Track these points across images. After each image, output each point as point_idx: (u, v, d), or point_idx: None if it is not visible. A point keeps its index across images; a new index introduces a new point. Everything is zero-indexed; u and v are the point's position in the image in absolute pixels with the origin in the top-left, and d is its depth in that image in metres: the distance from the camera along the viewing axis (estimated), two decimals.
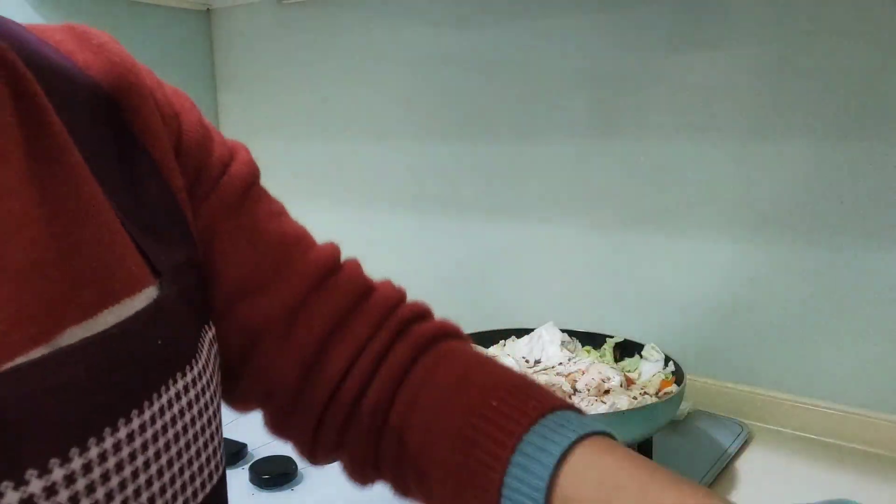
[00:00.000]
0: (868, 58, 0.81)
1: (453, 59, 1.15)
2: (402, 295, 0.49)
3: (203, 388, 0.37)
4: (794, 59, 0.85)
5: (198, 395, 0.37)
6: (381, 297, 0.48)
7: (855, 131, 0.83)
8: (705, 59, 0.92)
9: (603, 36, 0.99)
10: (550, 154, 1.07)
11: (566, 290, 1.09)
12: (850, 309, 0.86)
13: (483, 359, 0.46)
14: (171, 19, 1.45)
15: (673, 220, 0.97)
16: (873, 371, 0.86)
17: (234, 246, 0.44)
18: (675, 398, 0.74)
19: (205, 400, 0.37)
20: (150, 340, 0.34)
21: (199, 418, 0.37)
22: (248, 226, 0.45)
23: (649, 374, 0.83)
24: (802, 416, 0.89)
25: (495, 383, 0.42)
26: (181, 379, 0.36)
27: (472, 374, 0.44)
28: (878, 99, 0.81)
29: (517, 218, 1.13)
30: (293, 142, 1.41)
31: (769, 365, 0.92)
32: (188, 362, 0.37)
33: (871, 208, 0.83)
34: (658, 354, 0.85)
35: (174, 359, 0.36)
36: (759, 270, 0.91)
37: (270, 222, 0.47)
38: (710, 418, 0.92)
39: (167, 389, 0.34)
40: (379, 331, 0.46)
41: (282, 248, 0.46)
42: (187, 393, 0.36)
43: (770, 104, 0.88)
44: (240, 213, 0.45)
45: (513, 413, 0.39)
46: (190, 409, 0.36)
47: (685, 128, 0.94)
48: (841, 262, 0.86)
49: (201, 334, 0.39)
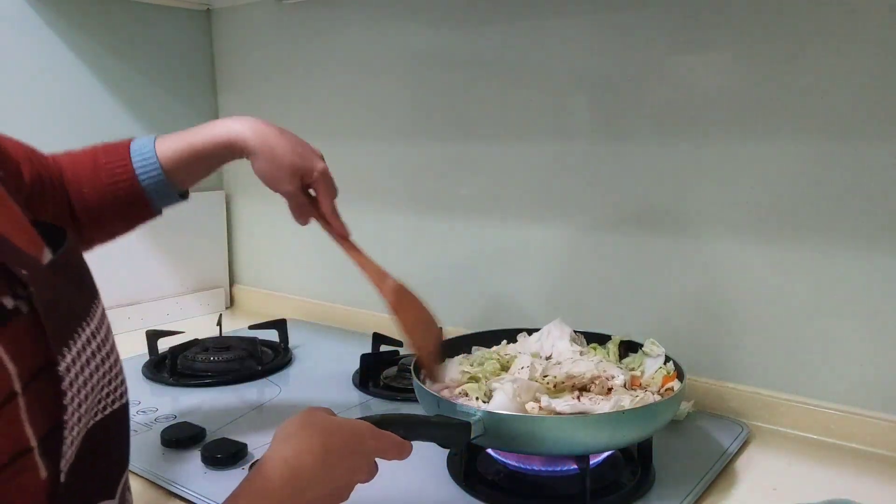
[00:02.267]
0: (868, 57, 0.81)
1: (453, 59, 1.15)
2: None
3: (106, 332, 0.48)
4: (794, 59, 0.85)
5: (104, 339, 0.47)
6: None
7: (855, 131, 0.83)
8: (705, 59, 0.92)
9: (603, 36, 0.99)
10: (550, 154, 1.07)
11: (566, 290, 1.09)
12: (850, 309, 0.86)
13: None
14: (171, 19, 1.45)
15: (673, 219, 0.97)
16: (873, 371, 0.86)
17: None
18: (675, 398, 0.74)
19: (109, 345, 0.48)
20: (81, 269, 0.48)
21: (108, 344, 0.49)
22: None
23: (652, 369, 0.83)
24: (802, 416, 0.89)
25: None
26: (98, 305, 0.47)
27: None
28: (879, 99, 0.81)
29: (515, 218, 1.13)
30: None
31: (769, 365, 0.92)
32: (97, 291, 0.48)
33: (871, 208, 0.83)
34: (658, 349, 0.85)
35: (92, 283, 0.48)
36: (758, 270, 0.91)
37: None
38: (710, 418, 0.92)
39: (95, 310, 0.46)
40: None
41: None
42: (103, 320, 0.48)
43: (769, 104, 0.88)
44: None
45: (117, 147, 0.78)
46: (106, 339, 0.48)
47: (684, 128, 0.94)
48: (841, 261, 0.86)
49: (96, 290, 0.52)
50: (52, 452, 0.40)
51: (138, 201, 0.77)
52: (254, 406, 0.98)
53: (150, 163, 0.76)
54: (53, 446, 0.40)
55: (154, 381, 1.08)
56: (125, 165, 0.76)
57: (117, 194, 0.76)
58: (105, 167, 0.76)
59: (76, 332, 0.43)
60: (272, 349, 1.21)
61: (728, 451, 0.83)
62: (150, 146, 0.77)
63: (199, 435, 0.86)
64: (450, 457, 0.80)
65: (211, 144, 0.78)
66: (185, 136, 0.78)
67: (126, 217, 0.79)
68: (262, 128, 0.79)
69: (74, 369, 0.41)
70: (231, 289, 1.59)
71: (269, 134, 0.78)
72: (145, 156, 0.76)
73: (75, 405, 0.41)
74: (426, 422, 0.69)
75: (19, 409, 0.38)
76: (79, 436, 0.42)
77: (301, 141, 0.81)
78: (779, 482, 0.77)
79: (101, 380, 0.45)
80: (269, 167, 0.78)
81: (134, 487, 0.77)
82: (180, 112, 1.48)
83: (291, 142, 0.80)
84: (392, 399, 1.00)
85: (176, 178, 0.78)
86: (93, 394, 0.44)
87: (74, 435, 0.41)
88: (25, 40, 1.23)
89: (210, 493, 0.74)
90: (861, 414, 0.86)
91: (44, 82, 1.27)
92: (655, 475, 0.76)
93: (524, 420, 0.70)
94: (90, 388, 0.43)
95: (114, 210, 0.76)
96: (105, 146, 0.78)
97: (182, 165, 0.78)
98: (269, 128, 0.79)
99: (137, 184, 0.76)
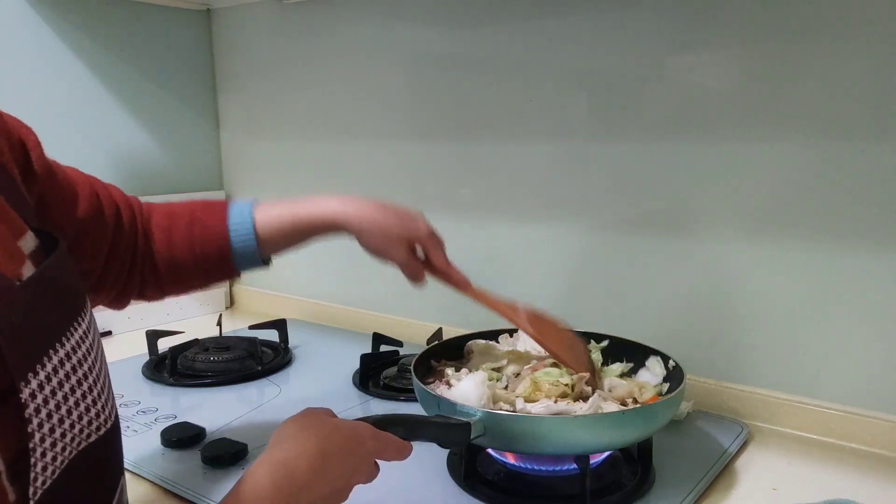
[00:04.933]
0: (868, 57, 0.81)
1: (453, 59, 1.15)
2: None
3: (85, 352, 0.46)
4: (794, 59, 0.85)
5: (81, 359, 0.45)
6: (125, 203, 0.75)
7: (855, 131, 0.83)
8: (703, 60, 0.92)
9: (602, 36, 0.99)
10: (549, 154, 1.07)
11: (566, 290, 1.09)
12: (850, 309, 0.86)
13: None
14: (171, 19, 1.45)
15: (672, 219, 0.97)
16: (873, 371, 0.86)
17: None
18: (675, 398, 0.74)
19: (88, 365, 0.46)
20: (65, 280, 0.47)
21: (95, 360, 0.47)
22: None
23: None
24: (802, 416, 0.89)
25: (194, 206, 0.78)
26: (80, 325, 0.46)
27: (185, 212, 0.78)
28: (879, 98, 0.81)
29: (515, 218, 1.13)
30: (293, 141, 1.41)
31: (769, 365, 0.92)
32: (82, 310, 0.47)
33: (871, 208, 0.83)
34: (661, 370, 0.84)
35: (78, 302, 0.47)
36: (759, 270, 0.91)
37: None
38: (710, 418, 0.92)
39: (74, 331, 0.45)
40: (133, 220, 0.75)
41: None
42: (84, 341, 0.46)
43: (770, 104, 0.87)
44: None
45: (215, 205, 0.78)
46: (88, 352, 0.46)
47: (684, 128, 0.94)
48: (841, 262, 0.86)
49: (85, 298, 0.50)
50: (20, 478, 0.39)
51: (223, 263, 0.77)
52: (254, 406, 0.98)
53: (245, 229, 0.76)
54: (23, 471, 0.39)
55: (154, 381, 1.08)
56: (221, 226, 0.76)
57: (205, 252, 0.76)
58: (200, 222, 0.76)
59: (45, 356, 0.41)
60: (272, 349, 1.21)
61: (728, 451, 0.83)
62: (248, 212, 0.77)
63: (199, 435, 0.86)
64: (450, 457, 0.80)
65: (312, 222, 0.78)
66: (287, 208, 0.78)
67: (206, 274, 0.79)
68: (364, 205, 0.79)
69: (42, 395, 0.40)
70: (231, 289, 1.59)
71: (372, 210, 0.79)
72: (243, 221, 0.77)
73: (45, 431, 0.40)
74: (426, 422, 0.69)
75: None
76: (60, 463, 0.41)
77: (401, 208, 0.81)
78: (779, 482, 0.77)
79: (76, 405, 0.43)
80: (378, 242, 0.79)
81: (134, 487, 0.77)
82: (180, 112, 1.48)
83: (394, 212, 0.80)
84: (392, 399, 1.00)
85: (266, 247, 0.78)
86: (68, 418, 0.42)
87: (48, 461, 0.40)
88: (25, 40, 1.24)
89: (210, 493, 0.74)
90: (861, 414, 0.86)
91: (44, 82, 1.27)
92: (655, 475, 0.76)
93: (524, 420, 0.70)
94: (64, 413, 0.42)
95: (196, 265, 0.76)
96: (204, 203, 0.79)
97: (277, 237, 0.78)
98: (370, 204, 0.79)
99: (227, 246, 0.76)
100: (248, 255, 0.77)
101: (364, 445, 0.59)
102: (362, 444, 0.59)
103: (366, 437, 0.59)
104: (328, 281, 1.41)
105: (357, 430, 0.59)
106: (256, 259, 0.78)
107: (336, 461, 0.56)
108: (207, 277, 0.80)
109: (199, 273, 0.78)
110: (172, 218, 0.76)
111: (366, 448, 0.59)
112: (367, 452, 0.59)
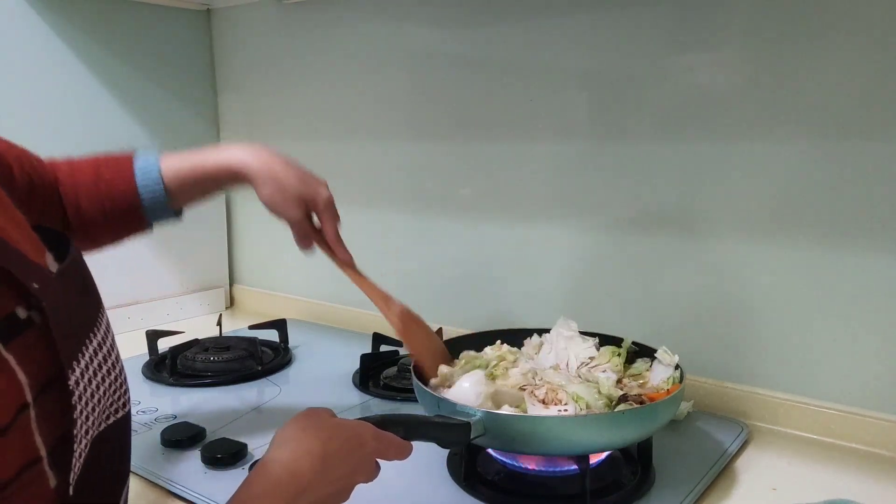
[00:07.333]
0: (868, 56, 0.81)
1: (453, 59, 1.15)
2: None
3: (112, 342, 0.48)
4: (794, 59, 0.85)
5: (110, 348, 0.47)
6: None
7: (855, 131, 0.83)
8: (705, 60, 0.92)
9: (603, 36, 0.99)
10: (550, 154, 1.07)
11: (566, 290, 1.09)
12: (850, 309, 0.86)
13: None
14: (171, 19, 1.45)
15: (673, 219, 0.97)
16: (873, 371, 0.86)
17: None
18: (675, 398, 0.74)
19: (115, 354, 0.48)
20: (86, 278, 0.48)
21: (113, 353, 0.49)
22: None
23: (660, 377, 0.81)
24: (802, 416, 0.89)
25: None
26: (104, 312, 0.47)
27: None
28: (879, 98, 0.81)
29: (517, 218, 1.13)
30: (293, 141, 1.41)
31: (769, 365, 0.92)
32: (101, 308, 0.48)
33: (871, 208, 0.83)
34: (671, 357, 0.82)
35: (97, 290, 0.48)
36: (759, 270, 0.91)
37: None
38: (710, 418, 0.92)
39: (102, 317, 0.46)
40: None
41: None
42: (109, 328, 0.48)
43: (770, 104, 0.87)
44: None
45: (120, 160, 0.78)
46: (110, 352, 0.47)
47: (685, 128, 0.94)
48: (841, 262, 0.86)
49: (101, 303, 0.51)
50: (61, 463, 0.39)
51: (134, 216, 0.78)
52: (254, 406, 0.98)
53: (153, 180, 0.77)
54: (63, 456, 0.40)
55: (154, 381, 1.08)
56: (128, 180, 0.76)
57: (115, 207, 0.76)
58: (106, 178, 0.76)
59: (85, 344, 0.42)
60: (272, 349, 1.21)
61: (728, 451, 0.83)
62: (154, 163, 0.78)
63: (199, 435, 0.86)
64: (450, 457, 0.80)
65: (216, 169, 0.79)
66: (191, 157, 0.80)
67: (117, 230, 0.80)
68: (267, 156, 0.80)
69: (83, 382, 0.41)
70: (231, 289, 1.59)
71: (274, 162, 0.80)
72: (149, 173, 0.77)
73: (83, 417, 0.41)
74: (426, 422, 0.69)
75: (30, 420, 0.38)
76: (87, 447, 0.42)
77: (305, 170, 0.82)
78: (779, 482, 0.77)
79: (107, 390, 0.45)
80: (275, 194, 0.80)
81: (134, 487, 0.77)
82: (180, 112, 1.48)
83: (296, 170, 0.81)
84: (392, 399, 1.00)
85: (175, 197, 0.79)
86: (100, 405, 0.43)
87: (83, 447, 0.41)
88: (25, 40, 1.23)
89: (210, 493, 0.74)
90: (861, 414, 0.86)
91: (44, 82, 1.27)
92: (655, 475, 0.76)
93: (524, 420, 0.70)
94: (97, 400, 0.43)
95: (107, 221, 0.77)
96: (108, 157, 0.79)
97: (184, 187, 0.79)
98: (275, 156, 0.80)
99: (137, 199, 0.77)
100: (158, 209, 0.79)
101: (365, 446, 0.59)
102: (363, 444, 0.59)
103: (367, 437, 0.59)
104: (328, 281, 1.41)
105: (358, 431, 0.59)
106: (168, 211, 0.80)
107: (338, 462, 0.56)
108: (119, 233, 0.80)
109: (109, 229, 0.78)
110: (77, 173, 0.76)
111: (367, 448, 0.59)
112: (368, 452, 0.59)
